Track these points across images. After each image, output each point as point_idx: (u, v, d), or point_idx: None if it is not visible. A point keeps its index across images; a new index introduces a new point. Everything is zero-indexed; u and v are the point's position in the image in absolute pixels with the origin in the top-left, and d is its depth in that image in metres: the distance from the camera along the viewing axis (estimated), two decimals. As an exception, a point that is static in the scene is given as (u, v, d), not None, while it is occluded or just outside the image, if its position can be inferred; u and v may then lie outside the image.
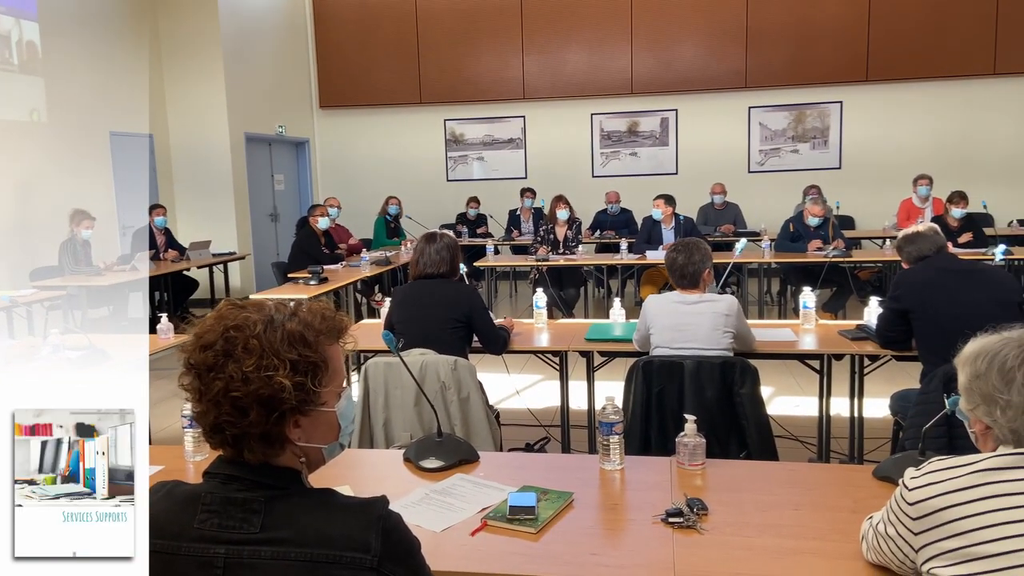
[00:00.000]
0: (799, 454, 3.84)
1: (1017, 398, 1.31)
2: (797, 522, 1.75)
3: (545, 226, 7.39)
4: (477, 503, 1.86)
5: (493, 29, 10.21)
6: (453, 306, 3.25)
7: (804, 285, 4.35)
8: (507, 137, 10.61)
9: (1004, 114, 9.30)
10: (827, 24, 9.41)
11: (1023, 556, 1.22)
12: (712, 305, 3.16)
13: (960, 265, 3.19)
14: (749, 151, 10.03)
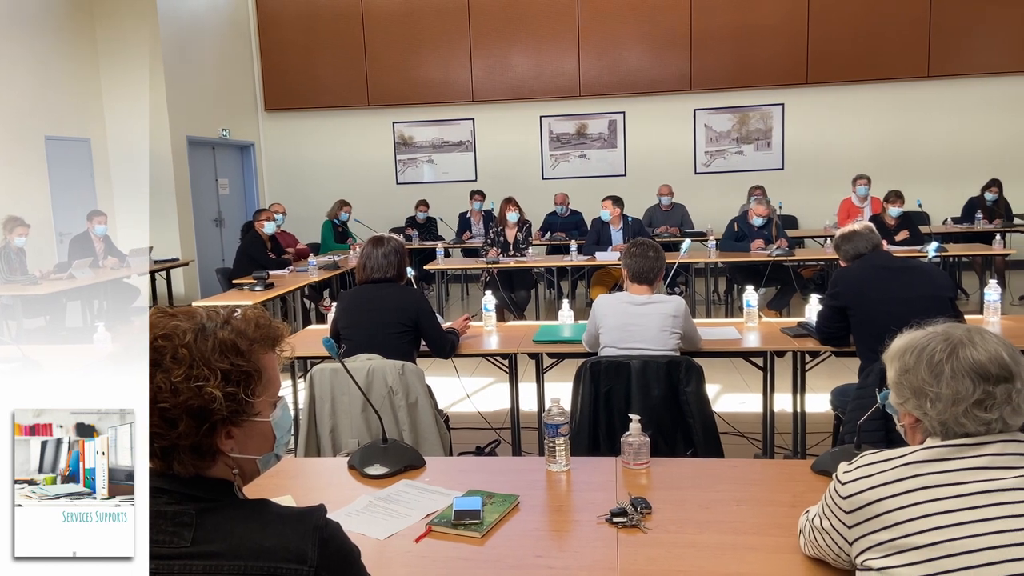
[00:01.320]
0: (745, 450, 3.91)
1: (946, 390, 1.35)
2: (738, 518, 1.78)
3: (495, 228, 7.39)
4: (422, 509, 1.84)
5: (440, 31, 10.19)
6: (400, 310, 3.22)
7: (749, 284, 4.44)
8: (457, 140, 10.59)
9: (937, 115, 9.64)
10: (768, 28, 9.63)
11: (951, 546, 1.26)
12: (660, 306, 3.20)
13: (895, 262, 3.29)
14: (695, 153, 10.20)
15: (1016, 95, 9.50)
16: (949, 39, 9.37)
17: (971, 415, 1.33)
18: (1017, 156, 9.38)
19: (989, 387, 1.33)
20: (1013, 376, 1.34)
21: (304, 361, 3.72)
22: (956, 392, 1.34)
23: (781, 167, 10.00)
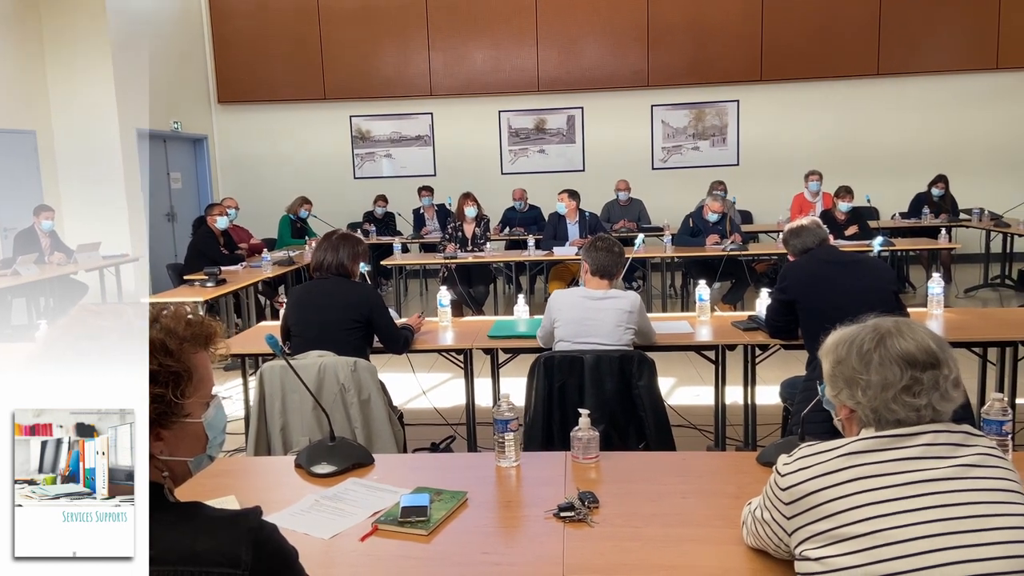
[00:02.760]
0: (698, 442, 3.96)
1: (875, 377, 1.38)
2: (684, 510, 1.80)
3: (453, 223, 7.36)
4: (369, 507, 1.82)
5: (398, 25, 10.09)
6: (352, 306, 3.19)
7: (704, 278, 4.48)
8: (415, 134, 10.52)
9: (886, 112, 9.86)
10: (723, 26, 9.74)
11: (885, 536, 1.28)
12: (616, 302, 3.22)
13: (841, 257, 3.35)
14: (652, 148, 10.28)
15: (961, 93, 9.77)
16: (898, 39, 9.58)
17: (900, 401, 1.36)
18: (962, 153, 9.65)
19: (916, 373, 1.36)
20: (940, 363, 1.38)
21: (256, 358, 3.66)
22: (885, 379, 1.37)
23: (736, 163, 10.13)
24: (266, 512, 1.18)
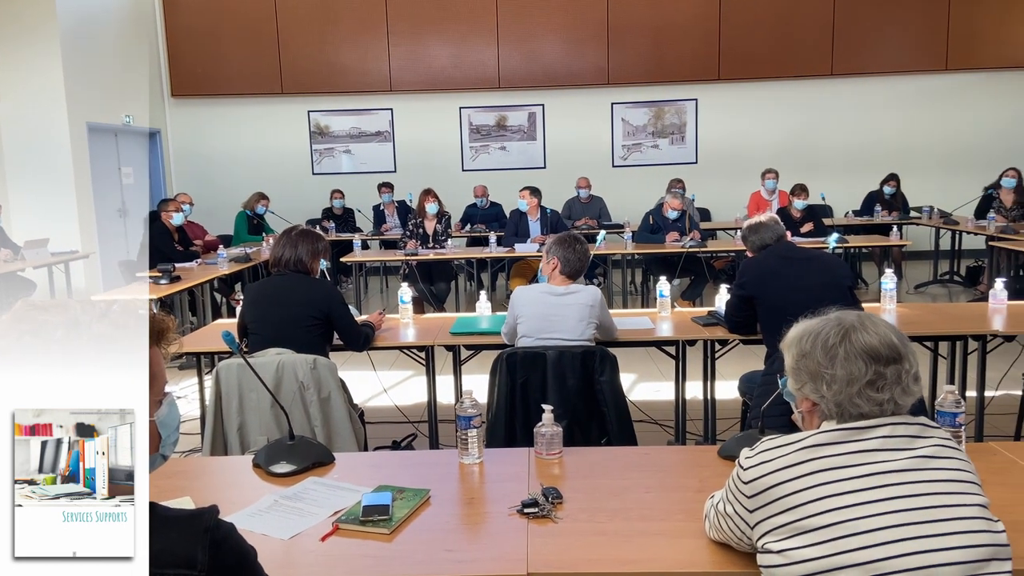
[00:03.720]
0: (659, 437, 3.99)
1: (840, 372, 1.39)
2: (647, 504, 1.80)
3: (414, 220, 7.31)
4: (329, 507, 1.79)
5: (357, 19, 9.98)
6: (311, 303, 3.14)
7: (663, 275, 4.52)
8: (375, 130, 10.41)
9: (840, 112, 10.07)
10: (682, 25, 9.83)
11: (844, 528, 1.30)
12: (578, 296, 3.23)
13: (798, 253, 3.40)
14: (613, 146, 10.34)
15: (911, 93, 10.01)
16: (851, 40, 9.78)
17: (865, 395, 1.38)
18: (913, 152, 9.90)
19: (880, 368, 1.38)
20: (902, 357, 1.39)
21: (212, 356, 3.58)
22: (850, 373, 1.38)
23: (695, 161, 10.24)
24: (223, 513, 1.15)
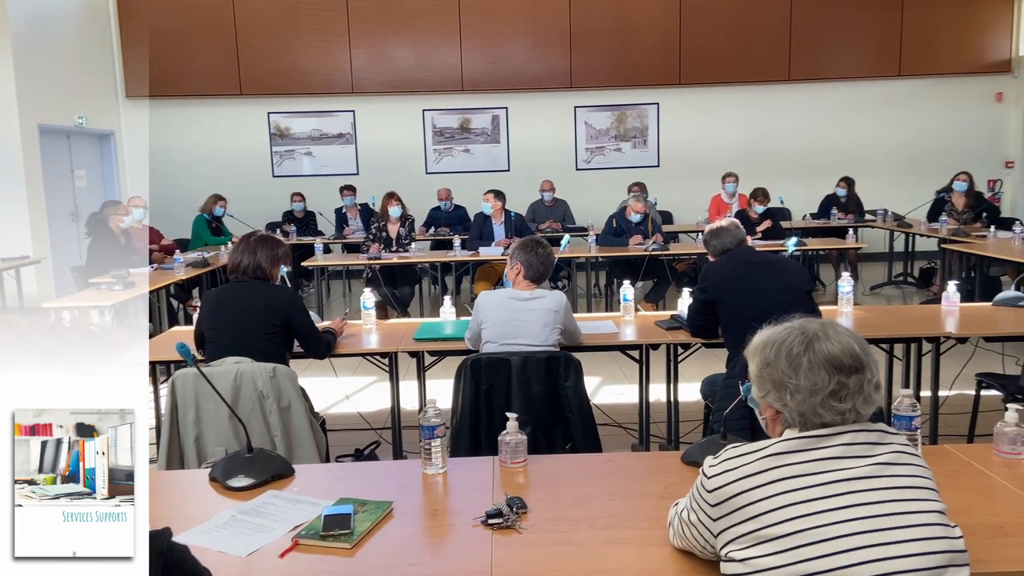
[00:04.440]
0: (623, 441, 4.00)
1: (804, 382, 1.40)
2: (611, 512, 1.80)
3: (377, 223, 7.24)
4: (289, 521, 1.75)
5: (317, 19, 9.87)
6: (270, 310, 3.08)
7: (627, 278, 4.54)
8: (336, 132, 10.31)
9: (797, 117, 10.24)
10: (643, 30, 9.92)
11: (807, 535, 1.30)
12: (542, 302, 3.23)
13: (758, 257, 3.45)
14: (576, 149, 10.38)
15: (866, 98, 10.23)
16: (807, 46, 9.97)
17: (827, 405, 1.39)
18: (868, 155, 10.11)
19: (843, 378, 1.39)
20: (864, 367, 1.41)
21: (167, 365, 3.50)
22: (814, 384, 1.39)
23: (657, 164, 10.33)
24: (178, 529, 1.12)
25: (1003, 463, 2.02)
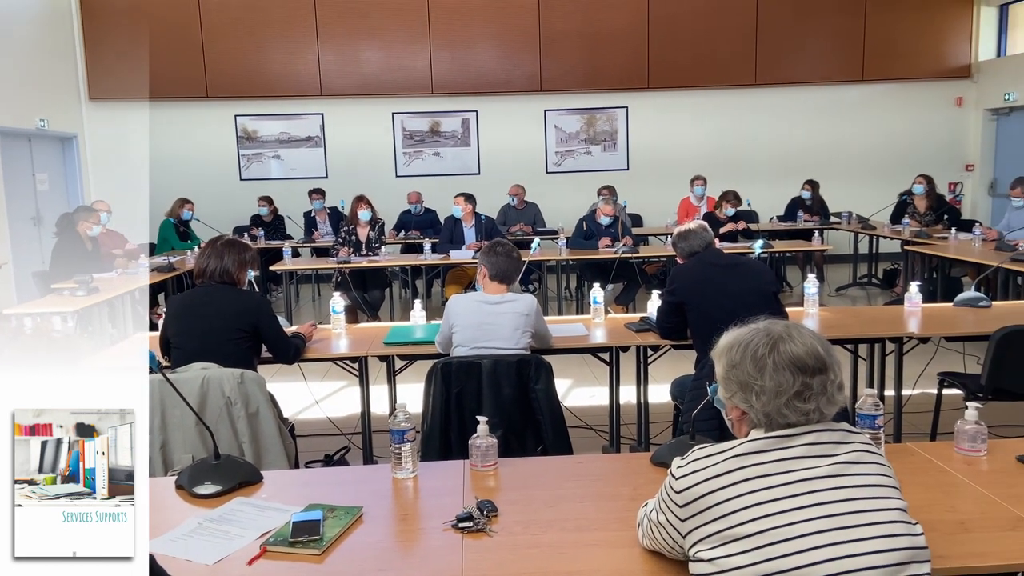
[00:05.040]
0: (594, 443, 4.02)
1: (769, 383, 1.42)
2: (581, 514, 1.81)
3: (346, 227, 7.20)
4: (257, 528, 1.73)
5: (284, 21, 9.78)
6: (237, 315, 3.04)
7: (597, 281, 4.56)
8: (305, 135, 10.23)
9: (764, 121, 10.38)
10: (612, 35, 9.99)
11: (774, 534, 1.32)
12: (513, 305, 3.23)
13: (725, 260, 3.48)
14: (547, 152, 10.42)
15: (831, 102, 10.40)
16: (773, 52, 10.11)
17: (792, 406, 1.41)
18: (832, 159, 10.27)
19: (807, 379, 1.41)
20: (827, 368, 1.43)
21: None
22: (778, 384, 1.41)
23: (626, 167, 10.40)
24: (142, 540, 1.10)
25: (963, 460, 2.06)
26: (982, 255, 5.93)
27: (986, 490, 1.88)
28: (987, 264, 5.45)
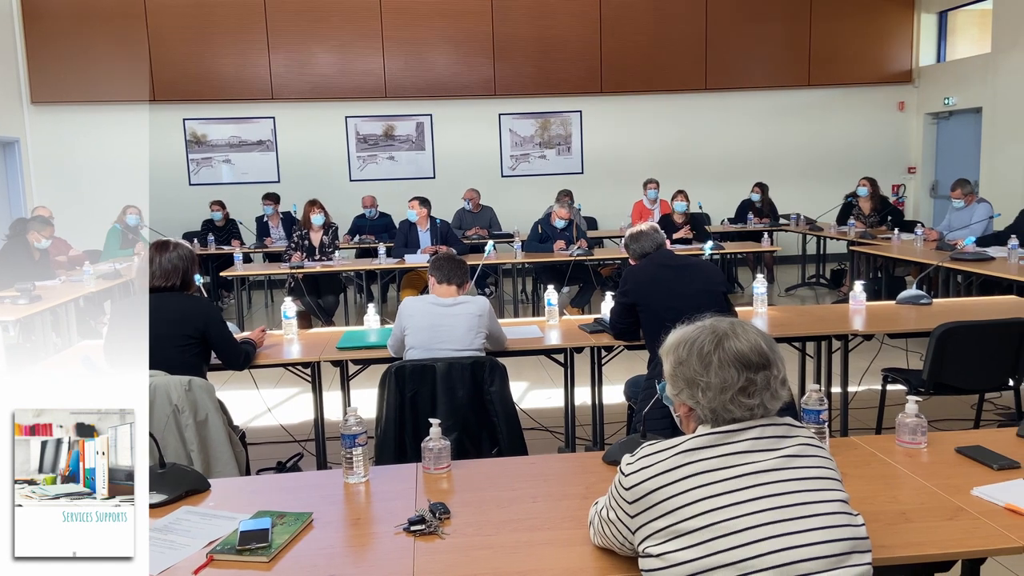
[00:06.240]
0: (550, 444, 4.03)
1: (715, 379, 1.44)
2: (534, 514, 1.81)
3: (299, 232, 7.11)
4: (204, 537, 1.70)
5: (234, 25, 9.64)
6: (185, 321, 2.98)
7: (552, 283, 4.59)
8: (256, 139, 10.07)
9: (714, 125, 10.57)
10: (564, 39, 10.06)
11: (720, 528, 1.34)
12: (466, 307, 3.24)
13: (676, 260, 3.53)
14: (502, 156, 10.44)
15: (777, 107, 10.63)
16: (722, 57, 10.30)
17: (737, 401, 1.43)
18: (780, 162, 10.50)
19: (751, 375, 1.44)
20: (771, 363, 1.46)
21: (76, 382, 3.34)
22: (724, 381, 1.44)
23: (581, 171, 10.49)
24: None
25: (905, 452, 2.12)
26: (923, 254, 6.11)
27: (926, 481, 1.93)
28: (928, 263, 5.62)
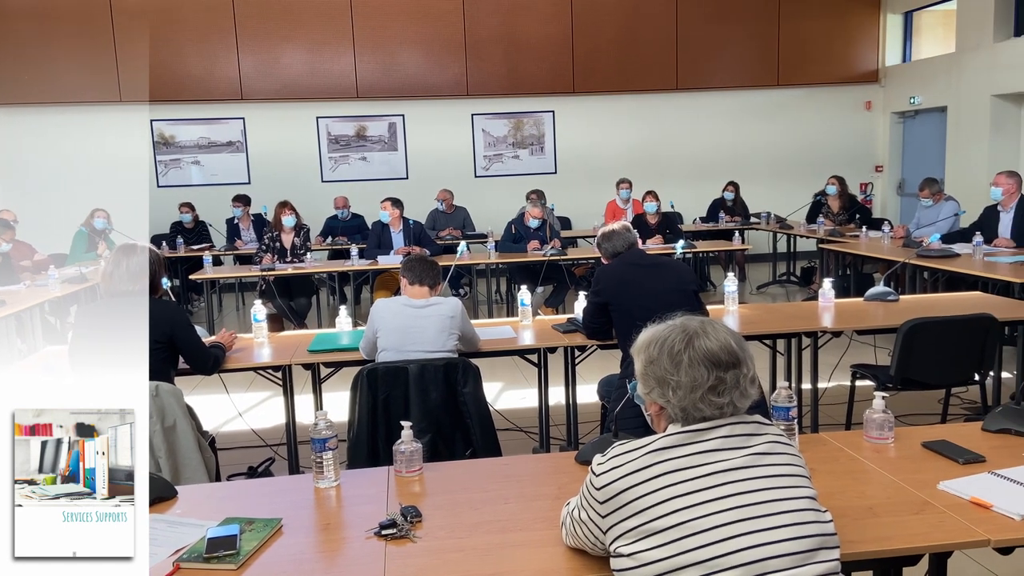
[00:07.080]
0: (524, 445, 4.03)
1: (685, 378, 1.45)
2: (506, 516, 1.80)
3: (270, 233, 7.03)
4: (170, 545, 1.66)
5: (202, 24, 9.51)
6: (152, 326, 2.93)
7: (527, 283, 4.58)
8: (226, 140, 9.95)
9: (685, 124, 10.64)
10: (536, 40, 10.07)
11: (690, 527, 1.35)
12: (439, 308, 3.23)
13: (648, 260, 3.55)
14: (475, 156, 10.42)
15: (747, 107, 10.73)
16: (693, 57, 10.38)
17: (707, 400, 1.44)
18: (750, 161, 10.59)
19: (721, 373, 1.44)
20: (740, 362, 1.47)
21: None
22: (694, 379, 1.44)
23: (554, 171, 10.50)
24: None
25: (872, 448, 2.15)
26: (891, 252, 6.19)
27: (893, 476, 1.96)
28: (895, 260, 5.70)
